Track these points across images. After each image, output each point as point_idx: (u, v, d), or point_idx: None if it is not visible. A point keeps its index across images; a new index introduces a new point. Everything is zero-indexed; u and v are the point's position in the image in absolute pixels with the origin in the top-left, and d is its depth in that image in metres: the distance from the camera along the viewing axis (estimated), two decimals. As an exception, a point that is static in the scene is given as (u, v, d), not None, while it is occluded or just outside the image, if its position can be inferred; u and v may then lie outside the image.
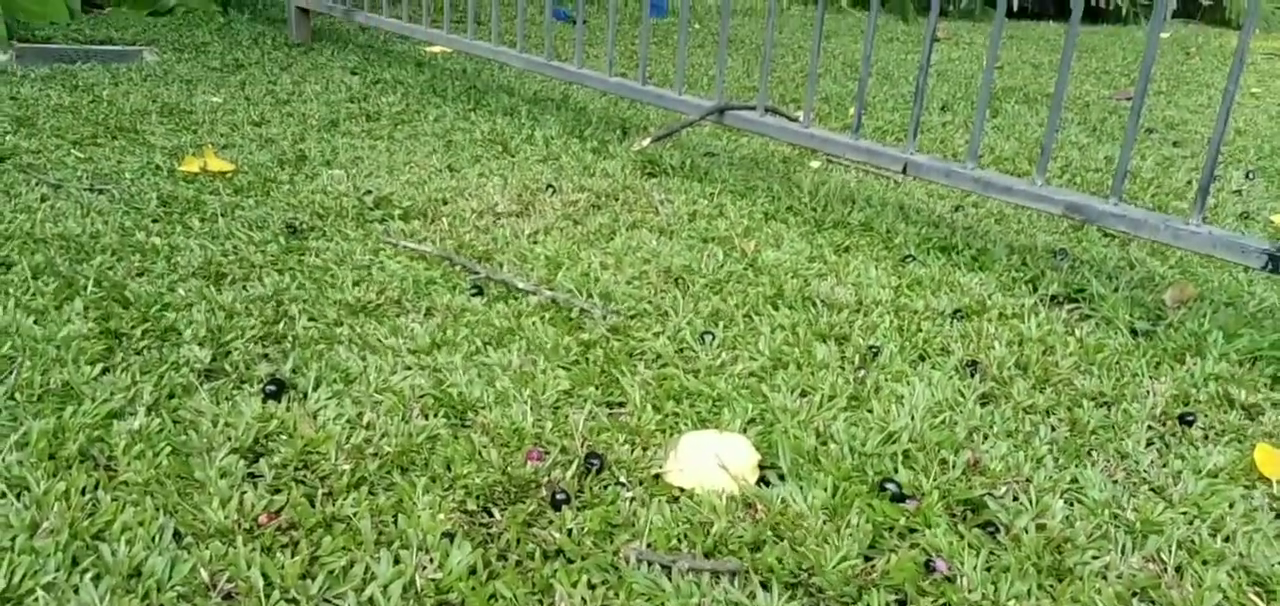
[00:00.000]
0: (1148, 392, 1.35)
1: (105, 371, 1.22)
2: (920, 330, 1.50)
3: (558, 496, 1.02)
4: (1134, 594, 0.94)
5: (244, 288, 1.47)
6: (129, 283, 1.46)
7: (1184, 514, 1.08)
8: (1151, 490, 1.12)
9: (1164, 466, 1.17)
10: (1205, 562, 1.00)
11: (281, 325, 1.36)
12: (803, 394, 1.29)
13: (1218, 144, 1.55)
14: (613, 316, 1.47)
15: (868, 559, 0.97)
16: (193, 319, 1.35)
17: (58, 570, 0.87)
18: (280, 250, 1.63)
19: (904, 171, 1.95)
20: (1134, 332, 1.54)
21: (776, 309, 1.55)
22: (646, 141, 2.33)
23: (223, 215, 1.77)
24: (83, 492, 0.98)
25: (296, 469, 1.04)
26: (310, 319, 1.39)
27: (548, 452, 1.11)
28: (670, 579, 0.92)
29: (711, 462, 1.09)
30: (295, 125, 2.45)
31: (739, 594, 0.90)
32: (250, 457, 1.06)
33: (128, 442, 1.06)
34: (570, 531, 0.98)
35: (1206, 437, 1.26)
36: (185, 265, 1.54)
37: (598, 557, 0.94)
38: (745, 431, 1.18)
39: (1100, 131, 3.17)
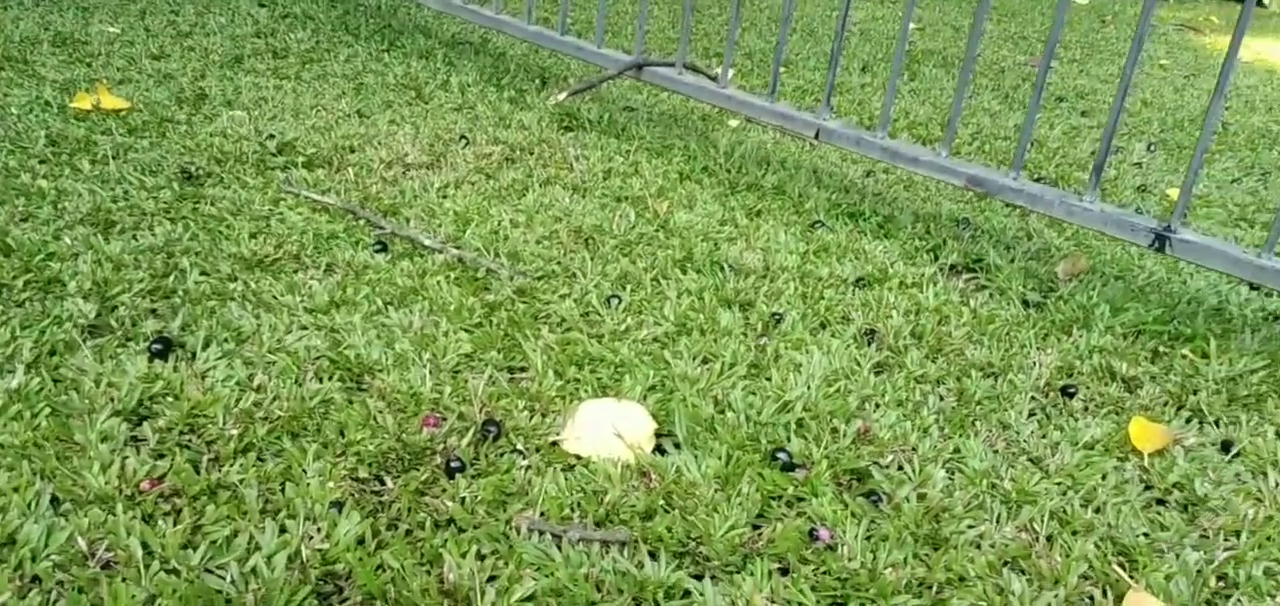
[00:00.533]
0: (1034, 364, 1.40)
1: (-19, 325, 1.17)
2: (823, 298, 1.53)
3: (452, 464, 1.02)
4: (1005, 563, 0.99)
5: (134, 237, 1.42)
6: (12, 229, 1.40)
7: (1058, 484, 1.13)
8: (1030, 460, 1.17)
9: (1043, 437, 1.22)
10: (1074, 533, 1.05)
11: (172, 279, 1.32)
12: (704, 361, 1.30)
13: (1113, 125, 1.60)
14: (520, 277, 1.47)
15: (756, 527, 0.99)
16: (78, 270, 1.30)
17: (-79, 539, 0.84)
18: (174, 197, 1.57)
19: (817, 137, 1.97)
20: (1026, 304, 1.60)
21: (685, 273, 1.56)
22: (563, 95, 2.31)
23: (115, 157, 1.70)
24: (-48, 455, 0.94)
25: (182, 433, 1.02)
26: (202, 273, 1.35)
27: (445, 418, 1.10)
28: (560, 548, 0.93)
29: (609, 431, 1.10)
30: (196, 60, 2.36)
31: (627, 563, 0.92)
32: (133, 420, 1.03)
33: (4, 402, 1.02)
34: (463, 500, 0.98)
35: (1086, 409, 1.32)
36: (73, 211, 1.48)
37: (490, 527, 0.95)
38: (645, 399, 1.19)
39: (1012, 99, 3.24)
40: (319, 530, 0.91)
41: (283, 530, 0.90)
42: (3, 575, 0.81)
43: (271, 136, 1.91)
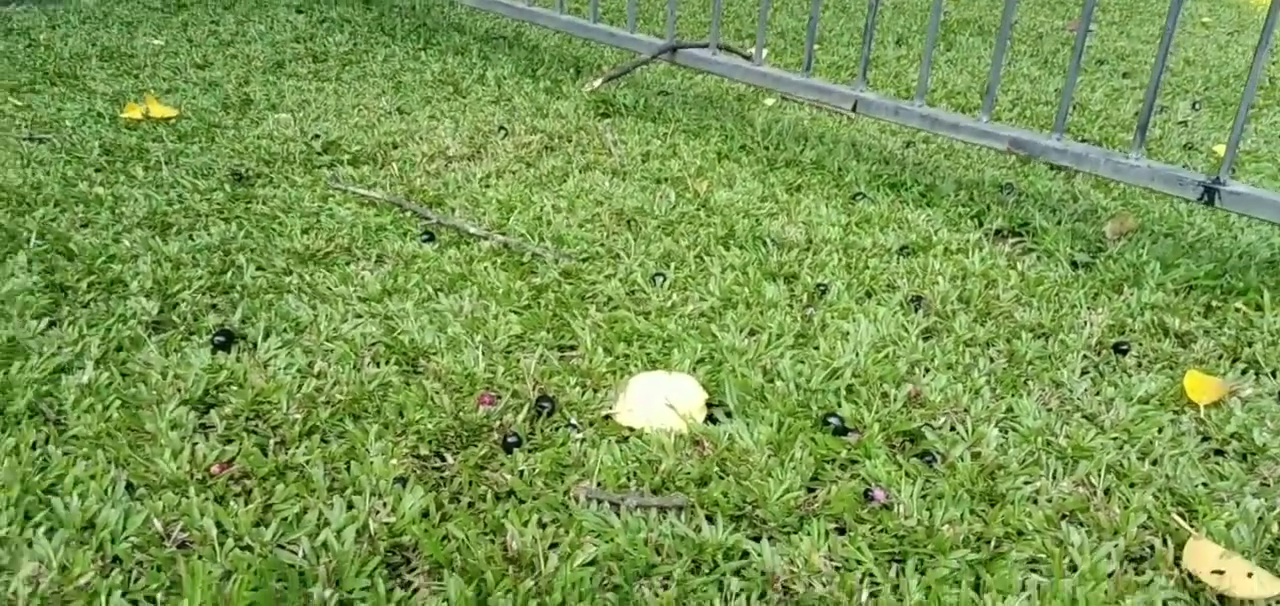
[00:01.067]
0: (1085, 323, 1.39)
1: (52, 325, 1.21)
2: (868, 267, 1.53)
3: (509, 439, 1.04)
4: (1063, 516, 0.99)
5: (190, 237, 1.46)
6: (73, 234, 1.44)
7: (1114, 439, 1.12)
8: (1084, 417, 1.17)
9: (1097, 394, 1.22)
10: (1132, 485, 1.05)
11: (229, 275, 1.36)
12: (751, 333, 1.31)
13: (1156, 81, 1.58)
14: (565, 260, 1.48)
15: (810, 490, 1.00)
16: (139, 270, 1.34)
17: (10, 524, 0.87)
18: (227, 198, 1.61)
19: (854, 109, 1.97)
20: (1074, 265, 1.58)
21: (727, 249, 1.57)
22: (598, 82, 2.32)
23: (167, 163, 1.75)
24: (33, 447, 0.98)
25: (248, 419, 1.05)
26: (258, 268, 1.38)
27: (499, 396, 1.12)
28: (619, 515, 0.94)
29: (660, 402, 1.11)
30: (240, 67, 2.41)
31: (685, 527, 0.93)
32: (201, 408, 1.06)
33: (77, 396, 1.06)
34: (521, 473, 1.00)
35: (1139, 365, 1.30)
36: (130, 215, 1.52)
37: (548, 497, 0.96)
38: (694, 371, 1.20)
39: (1052, 64, 3.20)
40: (385, 505, 0.93)
41: (350, 506, 0.92)
42: (85, 556, 0.84)
43: (316, 136, 1.95)
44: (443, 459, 1.02)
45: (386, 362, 1.17)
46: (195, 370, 1.12)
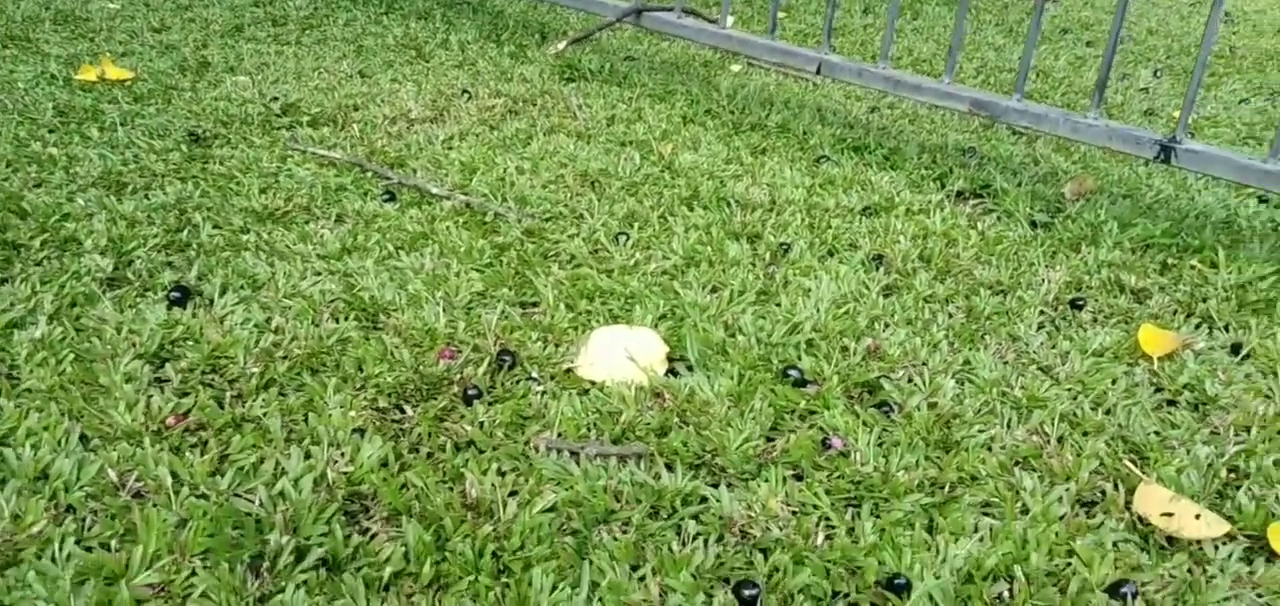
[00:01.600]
0: (1043, 280, 1.41)
1: (3, 282, 1.19)
2: (830, 227, 1.53)
3: (470, 392, 1.04)
4: (1016, 462, 1.00)
5: (146, 196, 1.44)
6: (26, 193, 1.41)
7: (1068, 390, 1.14)
8: (1039, 369, 1.18)
9: (1053, 347, 1.23)
10: (1085, 433, 1.06)
11: (185, 233, 1.34)
12: (713, 290, 1.32)
13: (1114, 42, 1.60)
14: (528, 219, 1.48)
15: (769, 439, 1.01)
16: (93, 228, 1.32)
17: (-43, 477, 0.86)
18: (183, 158, 1.59)
19: (819, 71, 1.97)
20: (1033, 225, 1.60)
21: (691, 210, 1.57)
22: (563, 45, 2.31)
23: (122, 124, 1.71)
24: (-18, 402, 0.96)
25: (204, 372, 1.04)
26: (215, 226, 1.37)
27: (460, 351, 1.12)
28: (578, 464, 0.94)
29: (622, 356, 1.11)
30: (197, 31, 2.37)
31: (644, 475, 0.93)
32: (156, 363, 1.05)
33: (30, 351, 1.04)
34: (481, 424, 1.00)
35: (1095, 320, 1.32)
36: (84, 175, 1.49)
37: (508, 447, 0.96)
38: (656, 326, 1.21)
39: (1017, 33, 3.23)
40: (343, 454, 0.92)
41: (308, 455, 0.92)
42: (38, 505, 0.83)
43: (275, 99, 1.92)
44: (402, 411, 1.01)
45: (345, 318, 1.17)
46: (150, 325, 1.10)
